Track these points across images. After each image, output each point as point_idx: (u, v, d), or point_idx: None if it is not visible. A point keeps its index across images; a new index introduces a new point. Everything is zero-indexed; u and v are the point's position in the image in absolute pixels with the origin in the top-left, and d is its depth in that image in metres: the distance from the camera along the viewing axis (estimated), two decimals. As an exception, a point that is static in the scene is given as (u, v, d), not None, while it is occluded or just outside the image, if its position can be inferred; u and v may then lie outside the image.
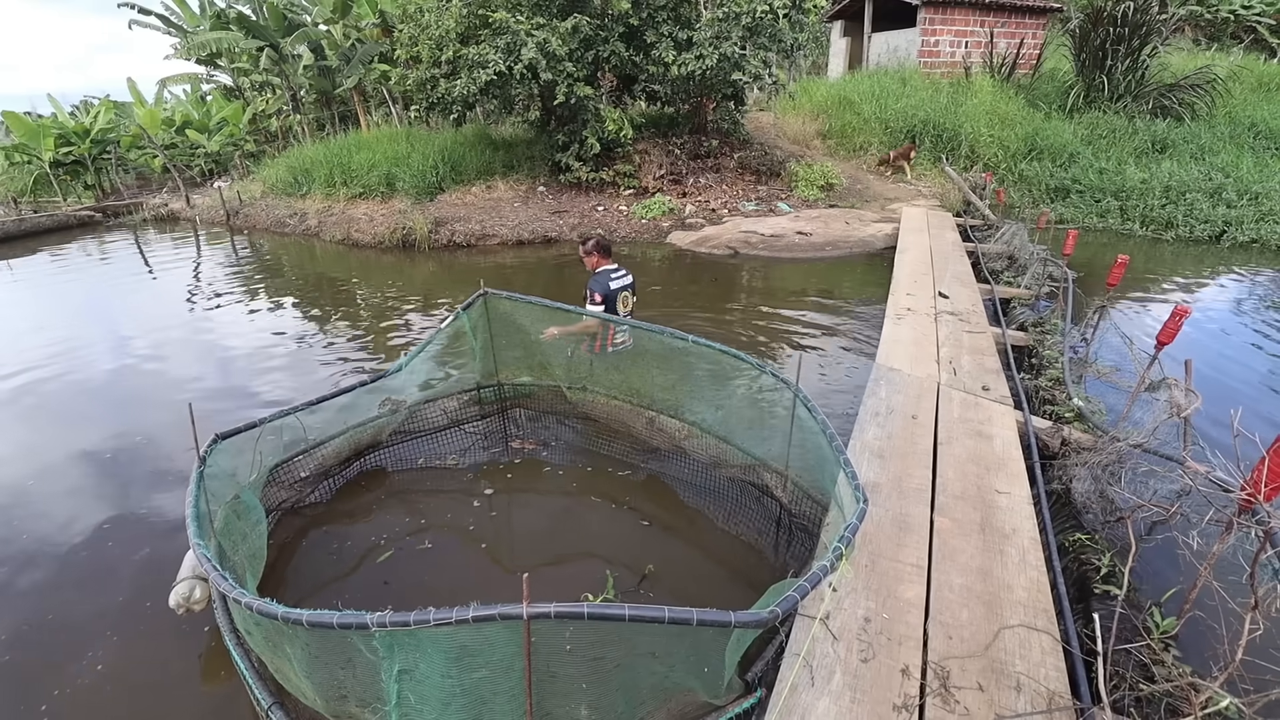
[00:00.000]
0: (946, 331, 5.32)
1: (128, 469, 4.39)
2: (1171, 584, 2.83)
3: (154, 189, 19.03)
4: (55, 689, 2.67)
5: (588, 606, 1.64)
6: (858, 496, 2.27)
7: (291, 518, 3.65)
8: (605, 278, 4.10)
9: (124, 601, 3.16)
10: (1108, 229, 10.71)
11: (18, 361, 6.36)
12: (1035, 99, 14.61)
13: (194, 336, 6.94)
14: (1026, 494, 3.16)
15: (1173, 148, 12.44)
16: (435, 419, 4.35)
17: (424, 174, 12.58)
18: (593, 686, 1.88)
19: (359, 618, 1.67)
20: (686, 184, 12.63)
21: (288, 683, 2.21)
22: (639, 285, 4.43)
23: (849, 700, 2.07)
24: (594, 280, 4.09)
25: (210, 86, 21.76)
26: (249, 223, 14.00)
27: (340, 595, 3.10)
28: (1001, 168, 12.83)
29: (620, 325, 3.99)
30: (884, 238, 9.82)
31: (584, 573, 3.22)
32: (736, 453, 3.61)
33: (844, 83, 16.03)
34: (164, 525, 3.75)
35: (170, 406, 5.22)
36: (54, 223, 14.96)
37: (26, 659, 2.85)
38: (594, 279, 4.10)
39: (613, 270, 4.17)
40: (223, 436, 3.03)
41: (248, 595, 1.92)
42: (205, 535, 2.44)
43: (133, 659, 2.83)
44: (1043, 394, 4.44)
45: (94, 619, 3.06)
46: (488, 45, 10.31)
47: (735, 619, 1.71)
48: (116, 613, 3.09)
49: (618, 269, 4.21)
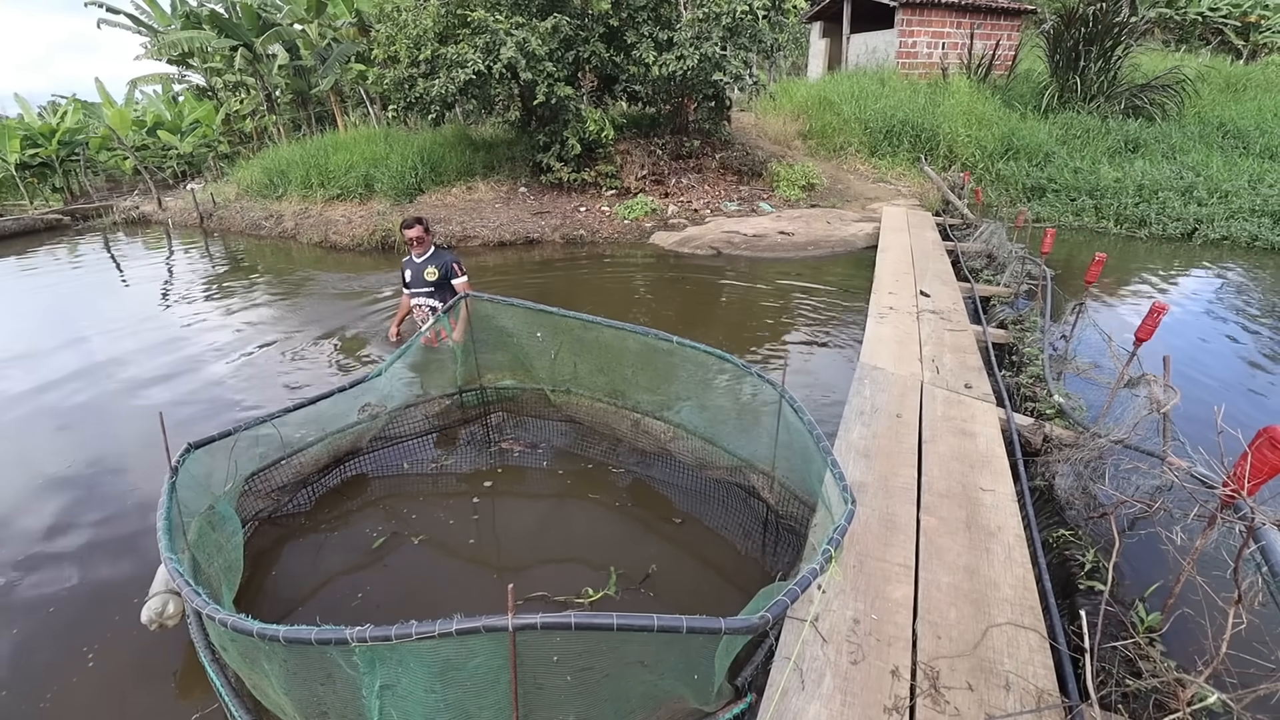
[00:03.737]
0: (928, 330, 5.35)
1: (95, 480, 4.25)
2: (1154, 579, 2.86)
3: (124, 191, 18.60)
4: (25, 710, 2.57)
5: (575, 616, 1.60)
6: (845, 498, 2.26)
7: (270, 527, 3.56)
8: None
9: (94, 618, 3.05)
10: (1083, 227, 10.88)
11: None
12: (1011, 99, 14.83)
13: (166, 343, 6.77)
14: (1011, 491, 3.18)
15: (1145, 147, 12.68)
16: (417, 424, 4.27)
17: (403, 175, 12.43)
18: (581, 697, 1.84)
19: (338, 633, 1.62)
20: (669, 184, 12.63)
21: (265, 699, 2.15)
22: (623, 286, 4.41)
23: (840, 703, 2.06)
24: (440, 256, 4.68)
25: (182, 87, 21.31)
26: (223, 225, 13.73)
27: (321, 607, 3.03)
28: (979, 167, 13.00)
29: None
30: (865, 237, 9.89)
31: (571, 577, 3.18)
32: (723, 454, 3.59)
33: (824, 83, 16.14)
34: (134, 538, 3.63)
35: (140, 416, 5.08)
36: (20, 227, 14.55)
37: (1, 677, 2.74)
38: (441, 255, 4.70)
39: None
40: (195, 446, 2.95)
41: (222, 611, 1.86)
42: (178, 548, 2.35)
43: (105, 678, 2.72)
44: (1024, 391, 4.48)
45: (64, 637, 2.95)
46: (466, 44, 10.22)
47: (725, 626, 1.68)
48: (87, 630, 2.98)
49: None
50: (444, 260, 4.65)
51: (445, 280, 4.61)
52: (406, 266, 4.73)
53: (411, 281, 4.69)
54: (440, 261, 4.63)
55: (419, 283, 4.65)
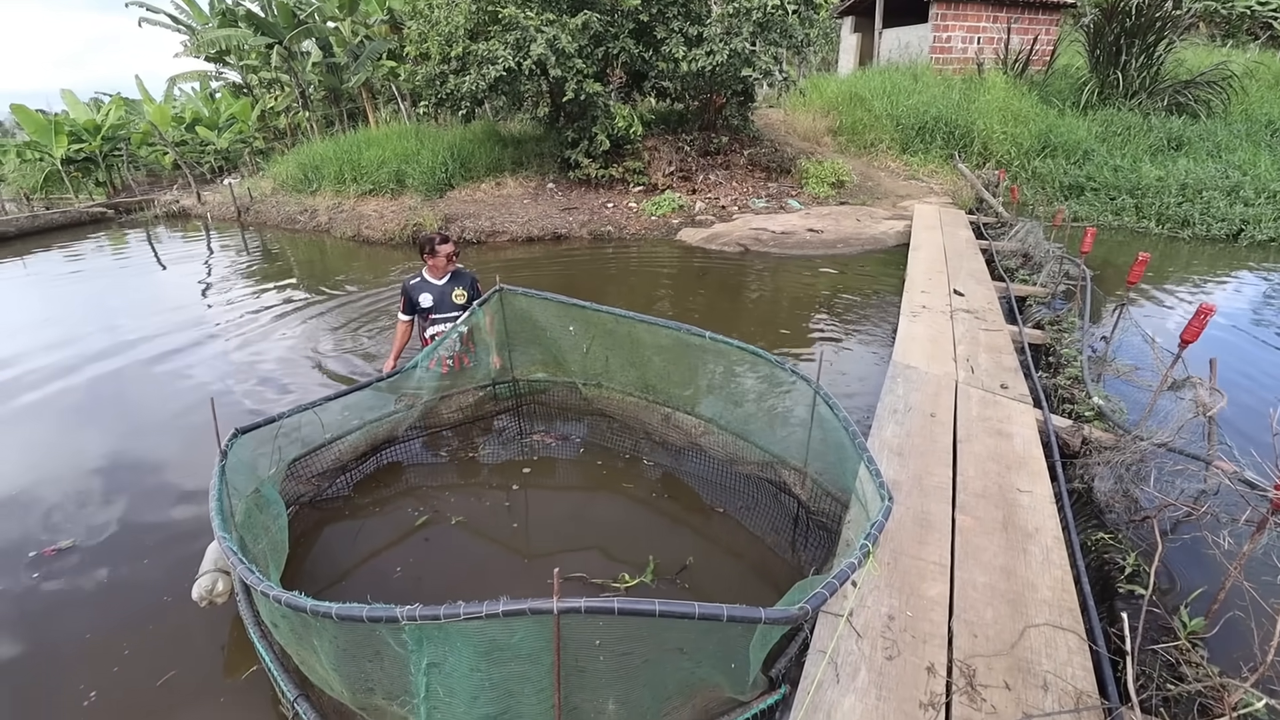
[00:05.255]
0: (963, 329, 5.28)
1: (144, 464, 4.41)
2: (1196, 584, 2.80)
3: (164, 186, 19.13)
4: (83, 684, 2.69)
5: (618, 601, 1.63)
6: (882, 494, 2.26)
7: (310, 511, 3.67)
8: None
9: (146, 596, 3.18)
10: (1123, 227, 10.61)
11: (34, 358, 6.40)
12: (1049, 95, 14.49)
13: (208, 332, 6.97)
14: (1048, 492, 3.14)
15: (1188, 145, 12.31)
16: (451, 415, 4.35)
17: (433, 170, 12.60)
18: (620, 681, 1.87)
19: (388, 611, 1.67)
20: (696, 181, 12.60)
21: (313, 674, 2.22)
22: (650, 283, 4.43)
23: (875, 698, 2.06)
24: (462, 277, 4.32)
25: (219, 84, 21.84)
26: (260, 219, 14.05)
27: (360, 588, 3.11)
28: (1015, 165, 12.74)
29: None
30: (895, 235, 9.77)
31: (606, 564, 3.22)
32: (754, 450, 3.59)
33: (854, 79, 15.94)
34: (178, 518, 3.76)
35: (186, 401, 5.25)
36: (67, 219, 15.06)
37: (63, 653, 2.87)
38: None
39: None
40: (242, 431, 3.04)
41: (275, 588, 1.93)
42: (228, 528, 2.44)
43: (158, 652, 2.84)
44: (1061, 392, 4.40)
45: (118, 614, 3.08)
46: (497, 41, 10.30)
47: (765, 615, 1.70)
48: (140, 607, 3.11)
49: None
50: (467, 280, 4.30)
51: (471, 303, 4.19)
52: (421, 290, 4.21)
53: (435, 306, 4.21)
54: (464, 282, 4.28)
55: (446, 307, 4.22)
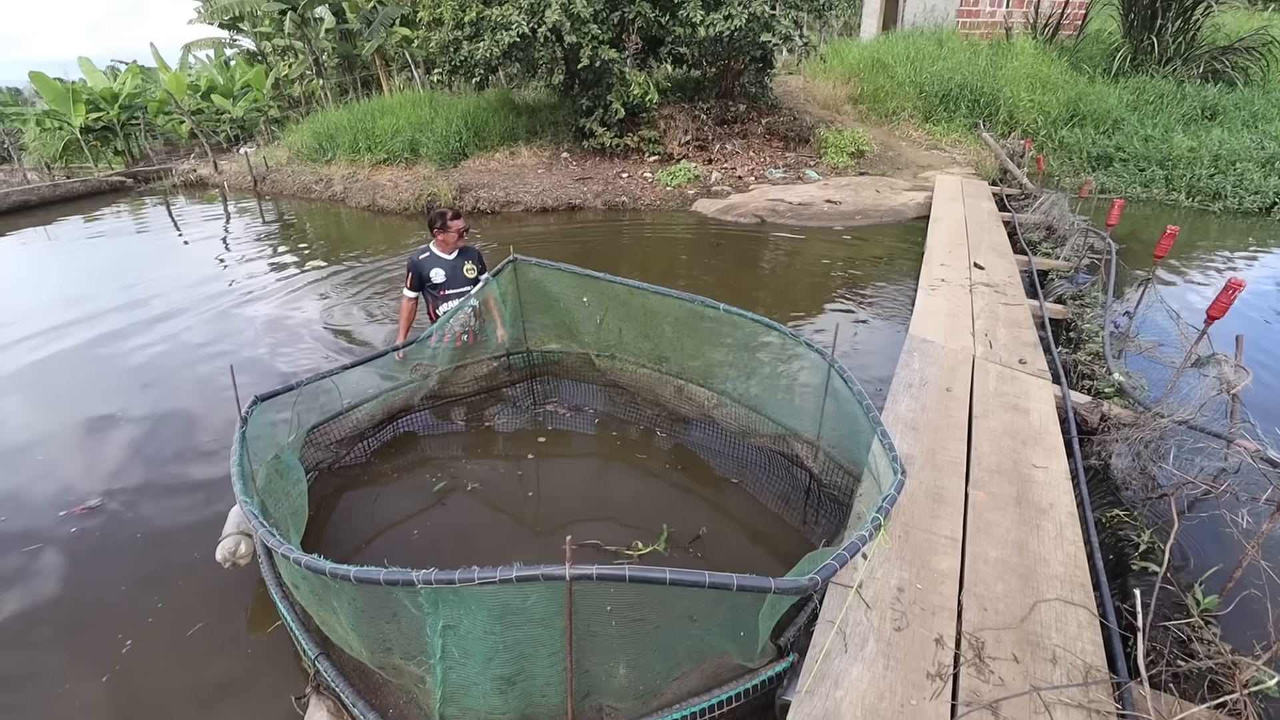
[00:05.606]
0: (982, 303, 5.20)
1: (167, 426, 4.50)
2: (1211, 562, 2.78)
3: (182, 155, 19.16)
4: (121, 632, 2.82)
5: (629, 569, 1.65)
6: (895, 468, 2.26)
7: (329, 477, 3.74)
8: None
9: (175, 553, 3.28)
10: (1151, 199, 10.31)
11: (57, 325, 6.52)
12: (1079, 62, 13.97)
13: (227, 301, 7.05)
14: (1064, 469, 3.11)
15: (1223, 114, 11.84)
16: (465, 384, 4.39)
17: (447, 139, 12.49)
18: (631, 646, 1.91)
19: (405, 575, 1.71)
20: (712, 150, 12.39)
21: (333, 634, 2.29)
22: (664, 254, 4.40)
23: (882, 667, 2.09)
24: (470, 251, 4.31)
25: (233, 51, 21.69)
26: (275, 189, 14.07)
27: (379, 551, 3.19)
28: (1041, 134, 12.35)
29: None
30: (916, 207, 9.58)
31: (620, 532, 3.27)
32: (766, 422, 3.59)
33: (877, 44, 15.47)
34: (205, 480, 3.86)
35: (208, 368, 5.34)
36: (87, 188, 15.16)
37: (104, 602, 3.02)
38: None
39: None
40: (262, 398, 3.10)
41: (295, 551, 1.98)
42: (250, 492, 2.50)
43: (188, 605, 2.96)
44: (1081, 368, 4.34)
45: (150, 568, 3.19)
46: (511, 6, 10.10)
47: (775, 585, 1.72)
48: (170, 563, 3.22)
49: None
50: (475, 254, 4.30)
51: (479, 277, 4.23)
52: (431, 265, 4.15)
53: (447, 281, 4.17)
54: (472, 256, 4.28)
55: (458, 282, 4.19)
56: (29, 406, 4.92)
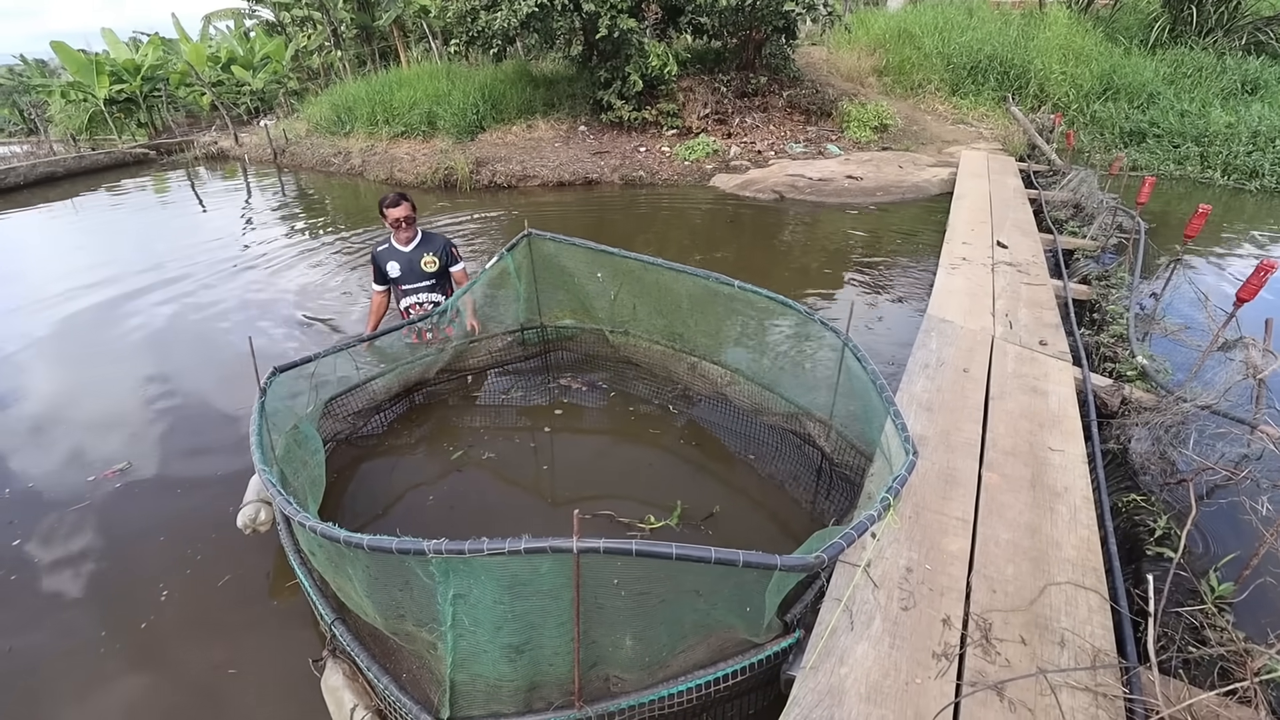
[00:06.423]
0: (1004, 283, 5.10)
1: (189, 394, 4.60)
2: (1229, 549, 2.74)
3: (203, 127, 19.27)
4: (161, 582, 2.96)
5: (636, 543, 1.67)
6: (907, 448, 2.24)
7: (347, 448, 3.81)
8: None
9: (204, 512, 3.40)
10: (1185, 177, 9.97)
11: (83, 293, 6.66)
12: (1115, 32, 13.46)
13: (249, 272, 7.14)
14: (1081, 452, 3.07)
15: (1265, 89, 11.36)
16: (480, 359, 4.42)
17: (464, 112, 12.41)
18: (638, 618, 1.94)
19: (416, 544, 1.74)
20: (732, 124, 12.18)
21: (349, 600, 2.35)
22: (681, 230, 4.35)
23: (888, 645, 2.10)
24: (432, 241, 4.07)
25: (253, 23, 21.64)
26: (295, 162, 14.12)
27: (394, 521, 3.25)
28: (1072, 108, 11.97)
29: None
30: (939, 183, 9.37)
31: (631, 506, 3.30)
32: (780, 400, 3.58)
33: (904, 14, 15.01)
34: (227, 446, 3.96)
35: (227, 339, 5.44)
36: (111, 160, 15.35)
37: (142, 555, 3.18)
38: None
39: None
40: (280, 370, 3.14)
41: (311, 519, 2.02)
42: (269, 462, 2.56)
43: (218, 560, 3.09)
44: (1104, 351, 4.25)
45: (182, 527, 3.31)
46: (530, -26, 9.93)
47: (781, 563, 1.72)
48: (199, 521, 3.34)
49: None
50: (438, 245, 4.01)
51: (445, 270, 4.04)
52: (387, 257, 3.94)
53: (403, 276, 3.96)
54: (435, 247, 3.99)
55: (415, 276, 3.97)
56: (54, 370, 5.07)
